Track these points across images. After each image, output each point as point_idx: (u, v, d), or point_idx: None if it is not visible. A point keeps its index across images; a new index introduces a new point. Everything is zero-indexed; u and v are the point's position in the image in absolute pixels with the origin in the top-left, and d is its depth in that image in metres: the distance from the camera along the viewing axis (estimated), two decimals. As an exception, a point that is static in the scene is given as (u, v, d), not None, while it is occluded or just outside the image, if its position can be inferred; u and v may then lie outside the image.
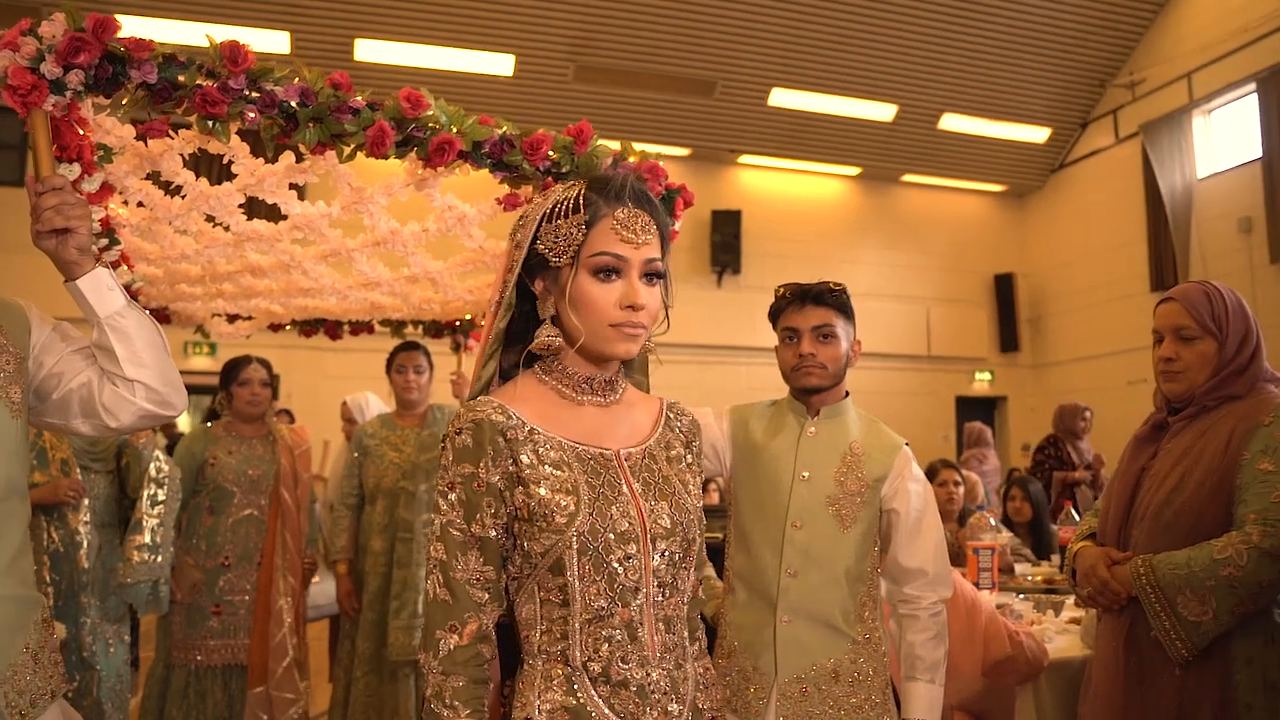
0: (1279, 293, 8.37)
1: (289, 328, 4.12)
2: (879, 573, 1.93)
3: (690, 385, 9.40)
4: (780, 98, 9.81)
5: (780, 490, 1.87)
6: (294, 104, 1.85)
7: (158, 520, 3.12)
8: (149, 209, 2.59)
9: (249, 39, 1.82)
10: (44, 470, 2.92)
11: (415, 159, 2.07)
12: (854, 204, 11.32)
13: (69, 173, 1.84)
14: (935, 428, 10.97)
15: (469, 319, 3.98)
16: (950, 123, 10.45)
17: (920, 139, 10.57)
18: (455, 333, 4.09)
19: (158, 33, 2.60)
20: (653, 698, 1.13)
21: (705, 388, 9.47)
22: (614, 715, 1.11)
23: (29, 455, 1.52)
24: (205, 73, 1.76)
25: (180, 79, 1.74)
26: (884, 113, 10.20)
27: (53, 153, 1.68)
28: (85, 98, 1.71)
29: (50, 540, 2.95)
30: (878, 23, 9.07)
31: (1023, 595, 3.34)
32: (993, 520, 3.98)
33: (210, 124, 1.82)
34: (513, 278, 1.21)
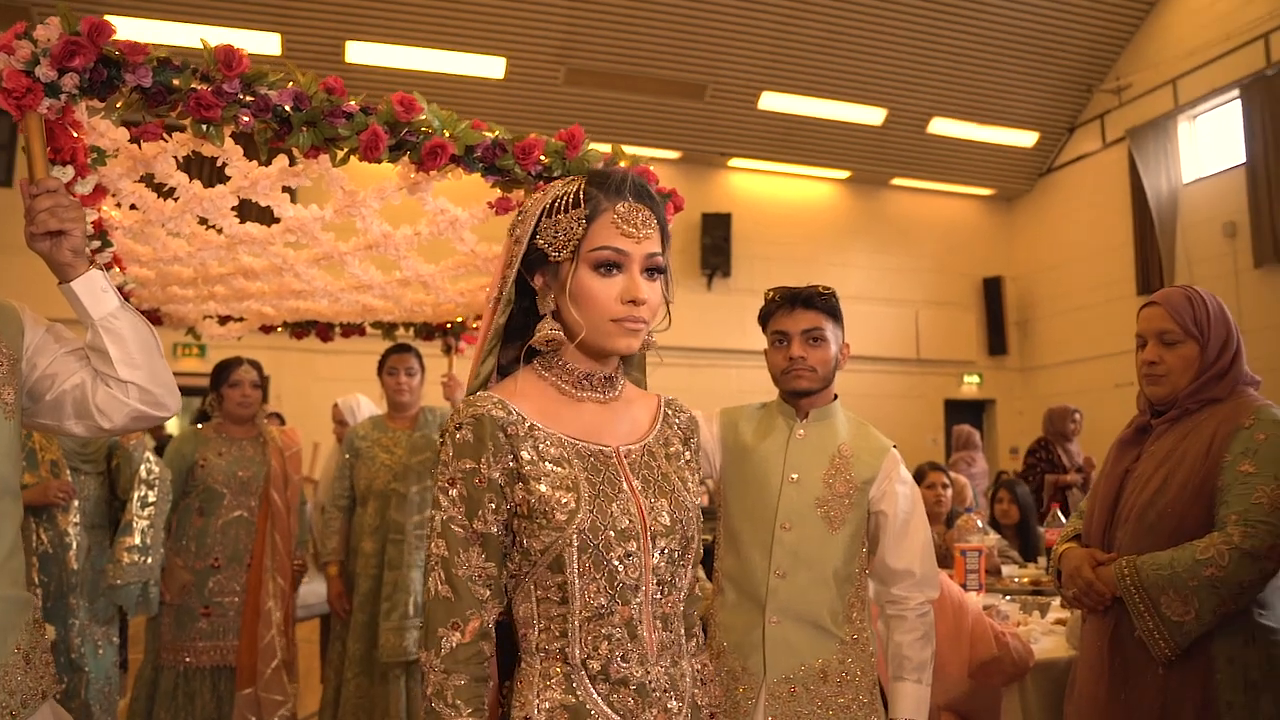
0: (1263, 296, 8.45)
1: (280, 330, 4.12)
2: (867, 574, 1.95)
3: (680, 388, 9.28)
4: (770, 101, 9.84)
5: (769, 492, 1.89)
6: (288, 108, 1.85)
7: (148, 522, 3.12)
8: (142, 211, 2.59)
9: (240, 40, 1.82)
10: (34, 472, 2.90)
11: (408, 163, 2.07)
12: (843, 207, 11.35)
13: (63, 175, 1.85)
14: (924, 430, 10.99)
15: (460, 322, 3.99)
16: (939, 127, 10.51)
17: (909, 143, 10.62)
18: (447, 335, 4.09)
19: (148, 33, 2.59)
20: (652, 695, 1.13)
21: (695, 390, 9.45)
22: (613, 713, 1.11)
23: (21, 456, 1.52)
24: (200, 76, 1.76)
25: (175, 83, 1.74)
26: (873, 116, 10.25)
27: (47, 155, 1.68)
28: (80, 101, 1.70)
29: (39, 541, 2.93)
30: (867, 27, 9.12)
31: (1009, 597, 3.36)
32: (980, 522, 4.00)
33: (204, 127, 1.83)
34: (512, 273, 1.19)
